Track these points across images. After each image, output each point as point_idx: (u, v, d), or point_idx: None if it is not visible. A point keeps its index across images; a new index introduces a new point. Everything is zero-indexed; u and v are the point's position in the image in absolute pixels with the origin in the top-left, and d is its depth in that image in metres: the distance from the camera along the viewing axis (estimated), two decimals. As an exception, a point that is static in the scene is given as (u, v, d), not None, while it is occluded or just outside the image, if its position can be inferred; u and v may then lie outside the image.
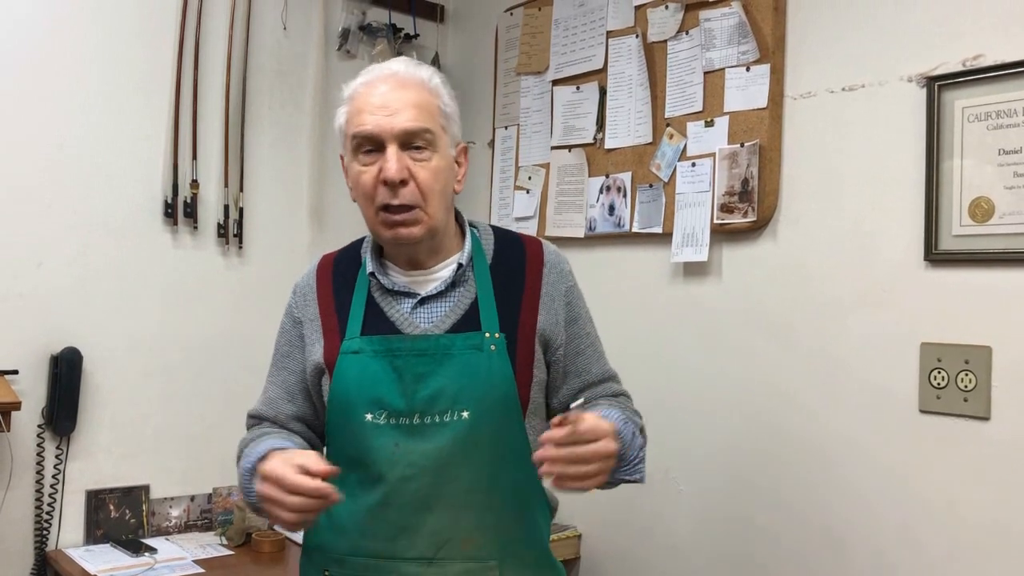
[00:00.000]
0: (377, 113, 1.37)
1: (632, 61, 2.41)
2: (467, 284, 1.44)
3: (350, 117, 1.41)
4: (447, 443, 1.35)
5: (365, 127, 1.37)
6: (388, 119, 1.36)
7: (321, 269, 1.53)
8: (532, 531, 1.45)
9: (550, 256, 1.50)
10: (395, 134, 1.36)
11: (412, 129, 1.37)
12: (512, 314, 1.42)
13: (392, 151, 1.35)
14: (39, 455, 2.32)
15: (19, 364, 2.27)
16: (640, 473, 1.40)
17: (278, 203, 2.76)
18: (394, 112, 1.36)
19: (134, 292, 2.47)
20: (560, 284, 1.49)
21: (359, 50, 2.90)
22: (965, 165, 1.77)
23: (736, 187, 2.13)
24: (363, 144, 1.38)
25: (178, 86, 2.54)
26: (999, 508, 1.71)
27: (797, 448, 2.03)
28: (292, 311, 1.53)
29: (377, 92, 1.39)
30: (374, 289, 1.45)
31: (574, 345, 1.48)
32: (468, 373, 1.37)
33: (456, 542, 1.36)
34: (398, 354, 1.38)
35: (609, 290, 2.39)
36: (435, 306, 1.43)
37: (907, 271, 1.85)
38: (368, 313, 1.43)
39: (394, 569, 1.36)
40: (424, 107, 1.39)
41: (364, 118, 1.37)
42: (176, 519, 2.54)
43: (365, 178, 1.38)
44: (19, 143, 2.30)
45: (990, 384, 1.73)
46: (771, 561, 2.07)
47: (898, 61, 1.89)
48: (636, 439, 1.39)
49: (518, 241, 1.51)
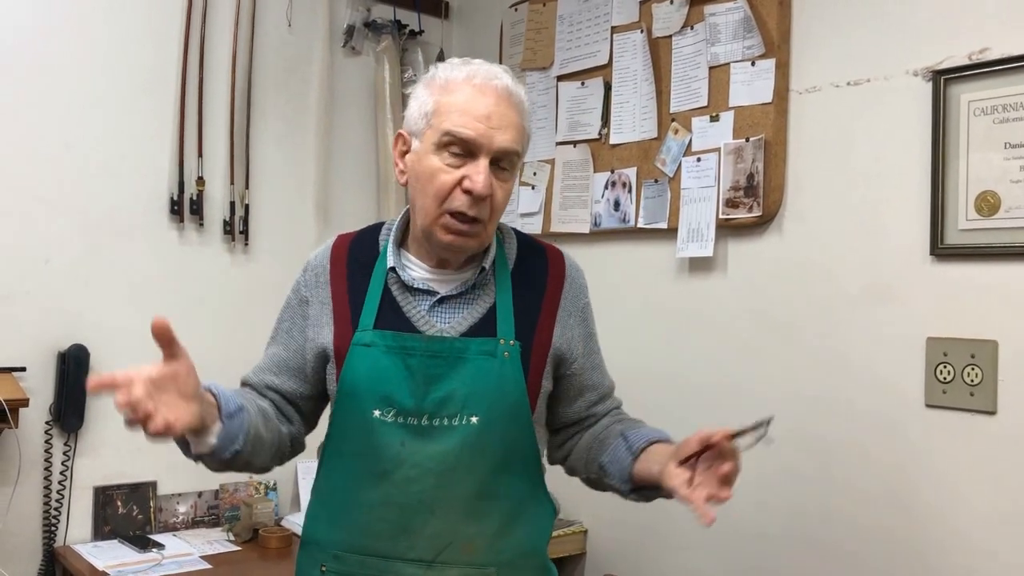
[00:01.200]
0: (484, 122, 1.33)
1: (637, 56, 2.41)
2: (487, 288, 1.43)
3: (445, 110, 1.35)
4: (454, 447, 1.35)
5: (466, 131, 1.32)
6: (493, 132, 1.33)
7: (336, 250, 1.50)
8: (532, 539, 1.45)
9: (571, 271, 1.51)
10: (493, 150, 1.33)
11: (509, 150, 1.35)
12: (529, 324, 1.42)
13: (484, 164, 1.33)
14: (47, 452, 2.33)
15: (27, 361, 2.28)
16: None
17: (284, 200, 2.76)
18: (499, 127, 1.33)
19: (141, 289, 2.48)
20: (579, 300, 1.50)
21: (364, 46, 2.90)
22: (971, 159, 1.77)
23: (741, 182, 2.12)
24: (454, 144, 1.33)
25: (183, 84, 2.55)
26: (1005, 502, 1.71)
27: (802, 443, 2.02)
28: (301, 289, 1.50)
29: (485, 101, 1.34)
30: (392, 282, 1.43)
31: (591, 360, 1.50)
32: (480, 378, 1.37)
33: (456, 547, 1.36)
34: (412, 353, 1.37)
35: (614, 286, 2.39)
36: (453, 307, 1.42)
37: (913, 265, 1.85)
38: (383, 306, 1.41)
39: (392, 569, 1.36)
40: (520, 131, 1.37)
41: (467, 121, 1.33)
42: (183, 515, 2.55)
43: (444, 178, 1.34)
44: (26, 142, 2.31)
45: (996, 378, 1.72)
46: (775, 556, 2.07)
47: (903, 55, 1.88)
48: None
49: (541, 250, 1.51)
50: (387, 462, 1.36)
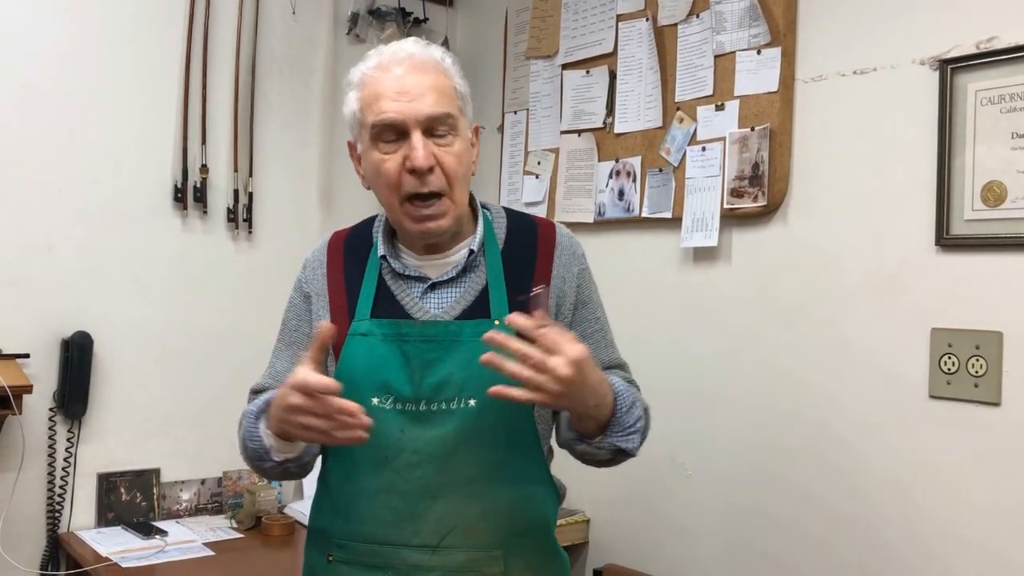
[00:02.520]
0: (398, 99, 1.32)
1: (642, 45, 2.40)
2: (478, 270, 1.42)
3: (366, 104, 1.35)
4: (453, 431, 1.35)
5: (387, 114, 1.32)
6: (410, 105, 1.32)
7: (332, 245, 1.51)
8: (537, 520, 1.45)
9: (562, 239, 1.48)
10: (419, 120, 1.32)
11: (436, 115, 1.33)
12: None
13: (417, 138, 1.32)
14: (51, 438, 2.34)
15: (30, 348, 2.28)
16: (633, 442, 1.36)
17: (288, 187, 2.76)
18: (415, 97, 1.32)
19: (144, 276, 2.48)
20: (572, 266, 1.46)
21: (368, 34, 2.90)
22: (978, 149, 1.76)
23: (746, 171, 2.12)
24: (384, 132, 1.33)
25: (187, 71, 2.54)
26: (1009, 493, 1.70)
27: (806, 433, 2.02)
28: (302, 286, 1.51)
29: (392, 76, 1.34)
30: (385, 272, 1.44)
31: (581, 329, 1.46)
32: (476, 361, 1.36)
33: (460, 530, 1.35)
34: (407, 339, 1.37)
35: (618, 275, 2.38)
36: (445, 292, 1.42)
37: (918, 256, 1.84)
38: (378, 296, 1.42)
39: (398, 556, 1.36)
40: (443, 90, 1.36)
41: (384, 105, 1.32)
42: (186, 502, 2.56)
43: (388, 166, 1.34)
44: (30, 129, 2.31)
45: (1001, 369, 1.72)
46: (779, 545, 2.07)
47: (910, 44, 1.87)
48: (635, 408, 1.37)
49: (531, 223, 1.49)
50: (387, 449, 1.36)
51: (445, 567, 1.35)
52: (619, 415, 1.33)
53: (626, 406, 1.35)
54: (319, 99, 2.80)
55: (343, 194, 2.84)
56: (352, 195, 2.86)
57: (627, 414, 1.35)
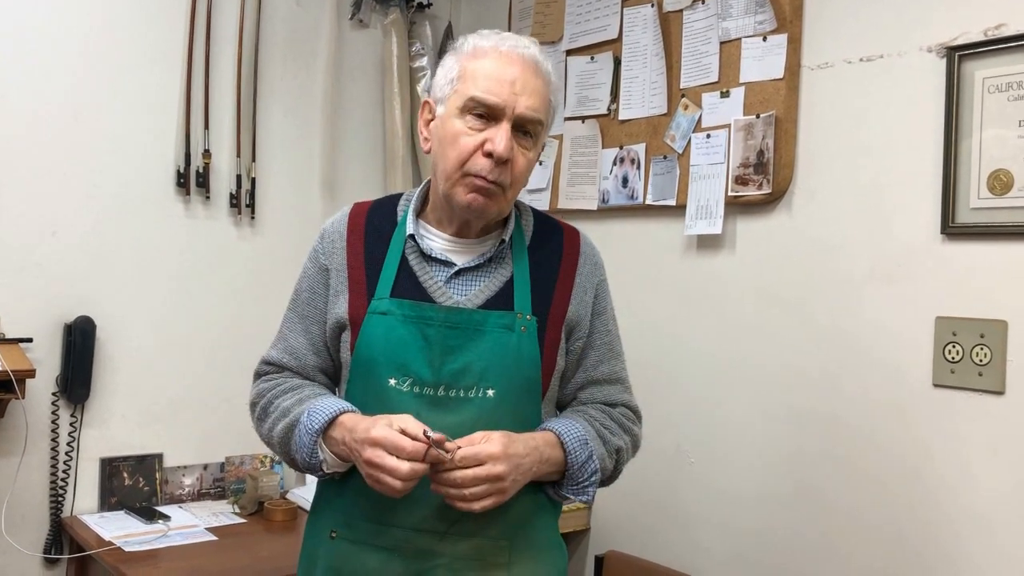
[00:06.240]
0: (507, 88, 1.34)
1: (647, 31, 2.39)
2: (504, 261, 1.43)
3: (471, 75, 1.36)
4: (470, 419, 1.35)
5: (491, 97, 1.34)
6: (517, 98, 1.34)
7: (353, 217, 1.49)
8: (544, 512, 1.46)
9: (587, 247, 1.51)
10: (516, 115, 1.34)
11: (532, 118, 1.36)
12: (545, 299, 1.42)
13: (506, 128, 1.34)
14: (54, 423, 2.34)
15: (33, 332, 2.29)
16: (586, 495, 1.42)
17: (291, 173, 2.76)
18: (521, 93, 1.35)
19: (147, 261, 2.48)
20: (594, 276, 1.49)
21: (372, 19, 2.88)
22: (985, 137, 1.75)
23: (751, 159, 2.11)
24: (477, 108, 1.35)
25: (190, 56, 2.53)
26: (1013, 482, 1.70)
27: (809, 421, 2.02)
28: (319, 257, 1.49)
29: (511, 68, 1.35)
30: (409, 251, 1.43)
31: (592, 339, 1.48)
32: (498, 352, 1.37)
33: (470, 519, 1.35)
34: (431, 323, 1.37)
35: (622, 263, 2.37)
36: (471, 279, 1.42)
37: (923, 244, 1.84)
38: (400, 275, 1.41)
39: (405, 539, 1.36)
40: (545, 101, 1.39)
41: (491, 85, 1.34)
42: (189, 487, 2.56)
43: (466, 140, 1.35)
44: (34, 114, 2.30)
45: (1005, 359, 1.71)
46: (780, 533, 2.07)
47: (917, 31, 1.86)
48: (590, 463, 1.39)
49: (557, 227, 1.51)
50: None
51: (452, 554, 1.36)
52: (571, 472, 1.39)
53: (578, 463, 1.38)
54: (322, 84, 2.79)
55: (345, 179, 2.84)
56: (355, 180, 2.87)
57: (579, 471, 1.39)
